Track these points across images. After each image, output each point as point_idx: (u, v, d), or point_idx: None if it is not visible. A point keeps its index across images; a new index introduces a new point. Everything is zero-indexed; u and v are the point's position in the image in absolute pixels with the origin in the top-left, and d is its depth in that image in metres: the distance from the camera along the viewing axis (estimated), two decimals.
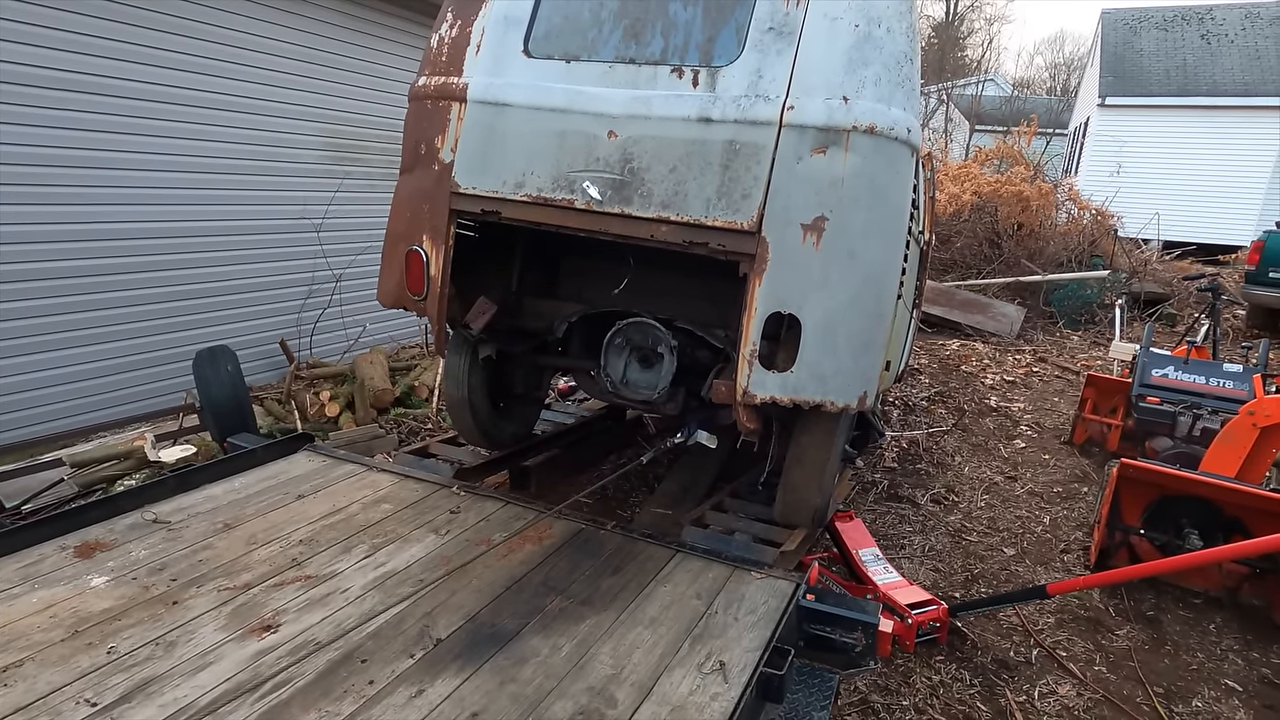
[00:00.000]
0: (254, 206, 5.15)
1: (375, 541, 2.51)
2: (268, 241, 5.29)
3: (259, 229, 5.21)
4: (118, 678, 1.79)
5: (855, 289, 2.19)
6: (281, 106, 5.18)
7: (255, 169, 5.09)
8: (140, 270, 4.51)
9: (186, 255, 4.77)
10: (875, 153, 2.14)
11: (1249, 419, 3.35)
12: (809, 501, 2.77)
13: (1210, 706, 2.63)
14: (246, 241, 5.15)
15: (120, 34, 4.19)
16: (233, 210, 5.01)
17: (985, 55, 34.62)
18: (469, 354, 3.15)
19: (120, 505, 2.59)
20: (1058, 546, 3.85)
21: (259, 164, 5.10)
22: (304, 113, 5.36)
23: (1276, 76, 14.78)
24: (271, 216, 5.29)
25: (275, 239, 5.34)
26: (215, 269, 4.97)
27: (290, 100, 5.24)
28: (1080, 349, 8.51)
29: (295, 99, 5.27)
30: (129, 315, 4.50)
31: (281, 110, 5.19)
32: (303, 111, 5.35)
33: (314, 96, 5.41)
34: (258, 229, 5.20)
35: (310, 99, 5.38)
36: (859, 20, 2.14)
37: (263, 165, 5.14)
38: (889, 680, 2.68)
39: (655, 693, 1.84)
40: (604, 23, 2.43)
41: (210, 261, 4.93)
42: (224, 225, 4.97)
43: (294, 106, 5.27)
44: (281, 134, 5.23)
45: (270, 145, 5.16)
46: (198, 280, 4.87)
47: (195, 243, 4.81)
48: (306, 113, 5.38)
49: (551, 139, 2.41)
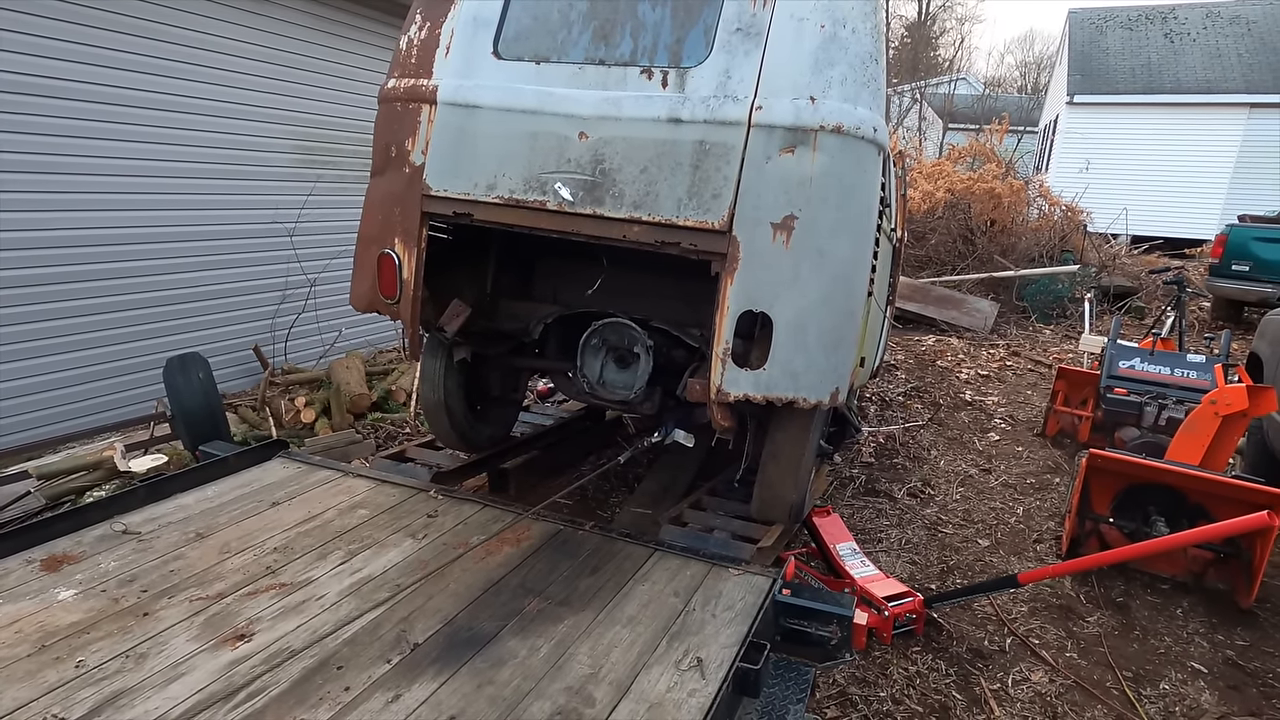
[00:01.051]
0: (224, 211, 5.08)
1: (351, 547, 2.49)
2: (239, 246, 5.22)
3: (230, 234, 5.14)
4: (86, 691, 1.76)
5: (825, 286, 2.22)
6: (250, 110, 5.11)
7: (224, 173, 5.02)
8: (107, 278, 4.43)
9: (155, 261, 4.69)
10: (842, 152, 2.16)
11: (1211, 408, 3.43)
12: (785, 497, 2.80)
13: (1177, 689, 2.70)
14: (217, 247, 5.07)
15: (83, 37, 4.11)
16: (202, 215, 4.94)
17: (957, 54, 35.16)
18: (444, 357, 3.14)
19: (88, 517, 2.54)
20: (1031, 536, 3.92)
21: (228, 168, 5.03)
22: (274, 116, 5.30)
23: (1236, 74, 15.17)
24: (242, 221, 5.22)
25: (247, 244, 5.27)
26: (185, 275, 4.90)
27: (259, 104, 5.17)
28: (1052, 342, 8.67)
29: (264, 102, 5.21)
30: (96, 324, 4.42)
31: (250, 114, 5.12)
32: (272, 115, 5.28)
33: (284, 99, 5.34)
34: (228, 234, 5.13)
35: (280, 102, 5.32)
36: (825, 21, 2.16)
37: (232, 169, 5.07)
38: (867, 672, 2.71)
39: (633, 691, 1.85)
40: (573, 24, 2.43)
41: (180, 268, 4.85)
42: (193, 230, 4.89)
43: (263, 110, 5.21)
44: (251, 138, 5.16)
45: (240, 149, 5.09)
46: (168, 287, 4.79)
47: (164, 249, 4.73)
48: (276, 116, 5.32)
49: (523, 140, 2.41)
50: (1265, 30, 15.87)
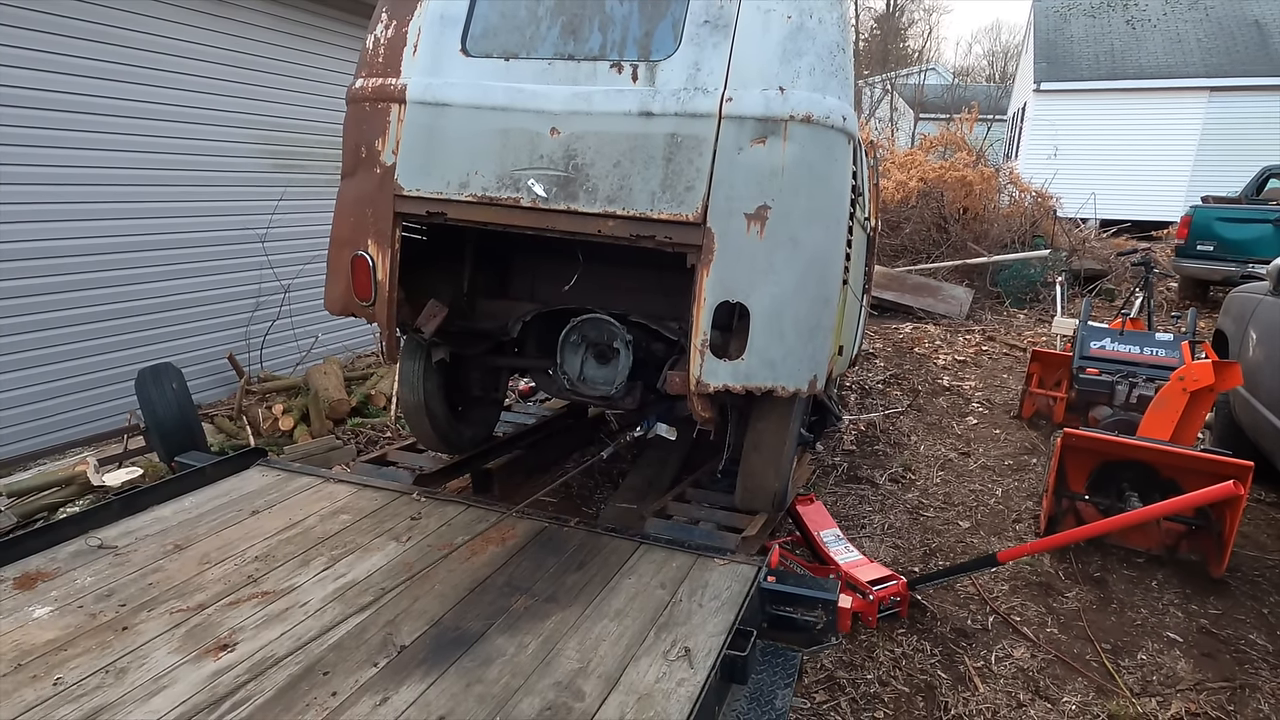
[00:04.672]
0: (192, 219, 5.00)
1: (334, 553, 2.47)
2: (209, 254, 5.14)
3: (199, 241, 5.06)
4: (66, 709, 1.73)
5: (800, 275, 2.24)
6: (216, 115, 5.03)
7: (191, 180, 4.94)
8: (75, 289, 4.34)
9: (124, 272, 4.60)
10: (813, 141, 2.18)
11: (1179, 384, 3.52)
12: (768, 486, 2.82)
13: (1154, 658, 2.77)
14: (187, 255, 4.99)
15: (44, 44, 4.01)
16: (170, 224, 4.85)
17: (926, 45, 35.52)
18: (423, 358, 3.12)
19: (63, 532, 2.49)
20: (1010, 516, 3.99)
21: (194, 174, 4.95)
22: (240, 120, 5.22)
23: (1196, 59, 15.50)
24: (212, 228, 5.14)
25: (217, 251, 5.19)
26: (155, 285, 4.81)
27: (225, 109, 5.09)
28: (1026, 326, 8.82)
29: (230, 107, 5.12)
30: (65, 336, 4.33)
31: (216, 119, 5.04)
32: (239, 120, 5.20)
33: (250, 104, 5.26)
34: (198, 241, 5.05)
35: (246, 106, 5.24)
36: (791, 12, 2.18)
37: (199, 176, 4.98)
38: (854, 656, 2.75)
39: (622, 683, 1.86)
40: (541, 20, 2.42)
41: (149, 277, 4.77)
42: (162, 239, 4.81)
43: (229, 115, 5.13)
44: (217, 143, 5.08)
45: (206, 155, 5.01)
46: (137, 297, 4.70)
47: (132, 258, 4.64)
48: (243, 120, 5.24)
49: (494, 138, 2.40)
50: (1223, 15, 16.21)
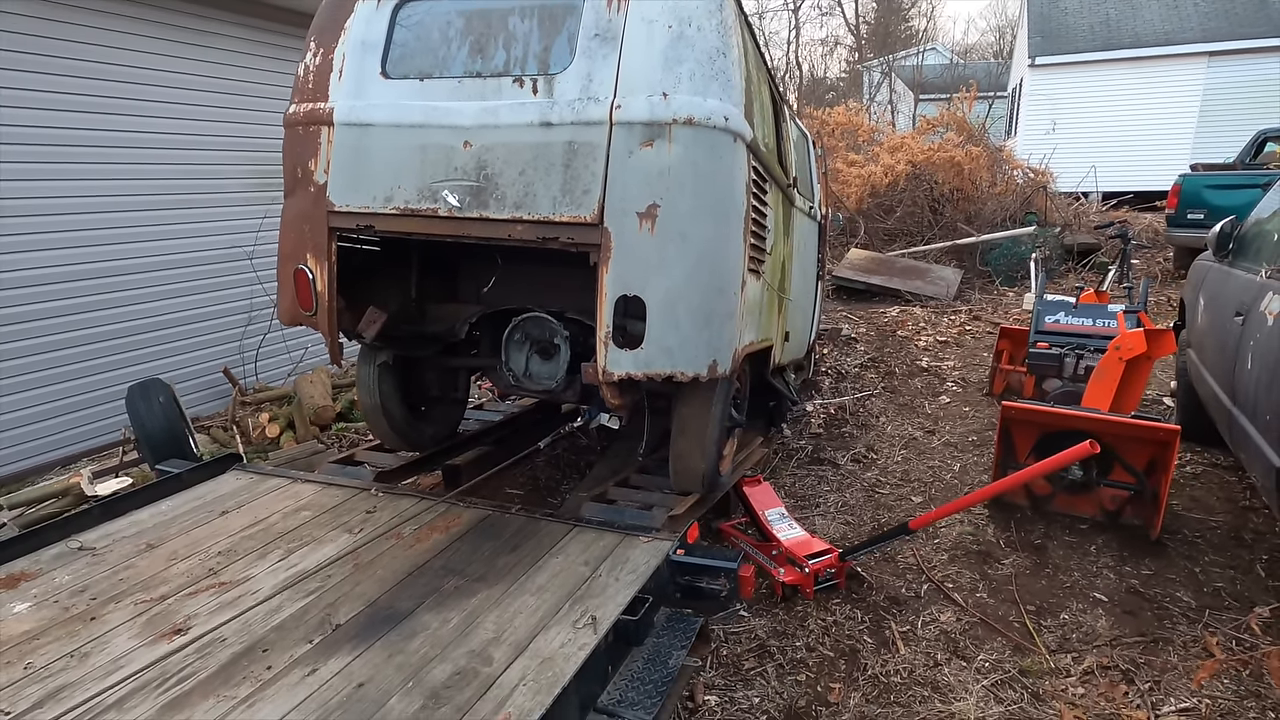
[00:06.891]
0: (183, 240, 5.27)
1: (290, 546, 2.65)
2: (199, 273, 5.41)
3: (189, 261, 5.33)
4: (32, 688, 1.93)
5: (690, 267, 2.39)
6: (199, 139, 5.29)
7: (178, 203, 5.20)
8: (72, 313, 4.62)
9: (119, 294, 4.87)
10: (696, 141, 2.33)
11: (1115, 353, 3.59)
12: (695, 468, 2.97)
13: (1076, 617, 2.87)
14: (178, 275, 5.26)
15: (29, 65, 4.25)
16: (162, 245, 5.13)
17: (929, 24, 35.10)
18: (375, 362, 3.32)
19: (46, 537, 2.70)
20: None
21: (180, 197, 5.21)
22: (223, 143, 5.47)
23: (1194, 23, 15.23)
24: (202, 248, 5.41)
25: (207, 269, 5.45)
26: (149, 304, 5.08)
27: (208, 131, 5.34)
28: (1015, 304, 8.81)
29: (213, 131, 5.38)
30: (66, 357, 4.61)
31: (199, 142, 5.30)
32: (222, 141, 5.46)
33: (232, 125, 5.51)
34: (187, 261, 5.32)
35: (228, 129, 5.49)
36: (672, 22, 2.33)
37: (184, 199, 5.24)
38: (787, 626, 2.89)
39: (530, 649, 2.02)
40: (452, 41, 2.60)
41: (143, 298, 5.04)
42: (154, 261, 5.08)
43: (212, 137, 5.38)
44: (201, 165, 5.33)
45: (190, 178, 5.27)
46: (134, 318, 4.98)
47: (126, 280, 4.91)
48: (226, 142, 5.49)
49: (414, 153, 2.58)
50: None
